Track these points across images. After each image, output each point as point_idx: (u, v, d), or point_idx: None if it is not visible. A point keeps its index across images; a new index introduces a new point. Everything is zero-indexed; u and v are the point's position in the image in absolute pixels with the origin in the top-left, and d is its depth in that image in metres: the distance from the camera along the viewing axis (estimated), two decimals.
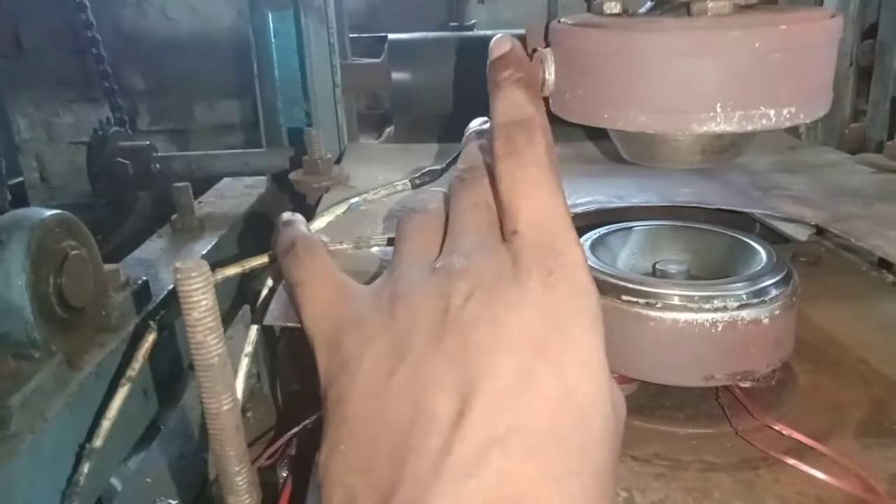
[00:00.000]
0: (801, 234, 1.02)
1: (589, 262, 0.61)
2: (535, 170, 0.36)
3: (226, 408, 0.41)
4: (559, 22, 0.59)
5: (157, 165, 1.19)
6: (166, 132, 2.71)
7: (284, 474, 0.62)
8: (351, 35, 1.37)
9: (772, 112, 0.51)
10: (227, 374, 0.41)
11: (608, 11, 0.59)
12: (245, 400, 0.93)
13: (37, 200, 2.41)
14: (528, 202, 0.35)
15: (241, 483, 0.43)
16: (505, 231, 0.36)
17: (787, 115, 0.51)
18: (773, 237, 1.05)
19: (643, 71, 0.52)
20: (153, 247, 0.95)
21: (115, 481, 0.82)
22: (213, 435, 0.42)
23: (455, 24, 1.50)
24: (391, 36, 1.23)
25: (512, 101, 0.39)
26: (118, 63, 2.42)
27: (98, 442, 0.57)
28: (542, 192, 0.36)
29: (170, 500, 0.72)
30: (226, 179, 1.26)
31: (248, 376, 0.98)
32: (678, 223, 0.69)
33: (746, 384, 0.60)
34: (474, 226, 0.37)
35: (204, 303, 0.39)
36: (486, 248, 0.36)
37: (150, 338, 0.61)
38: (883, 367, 0.68)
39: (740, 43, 0.50)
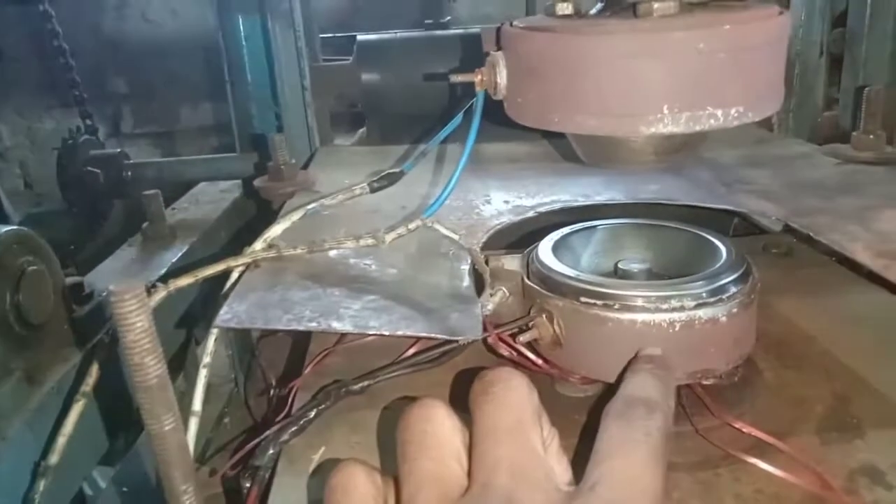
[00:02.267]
0: (777, 224, 1.01)
1: (548, 264, 0.61)
2: (643, 437, 0.38)
3: (167, 428, 0.41)
4: (510, 25, 0.59)
5: (129, 173, 1.19)
6: (151, 135, 2.69)
7: (248, 484, 0.61)
8: (322, 35, 1.36)
9: (719, 112, 0.51)
10: (168, 394, 0.41)
11: (560, 13, 0.59)
12: (223, 405, 0.93)
13: (22, 207, 2.39)
14: (619, 460, 0.36)
15: (187, 502, 0.43)
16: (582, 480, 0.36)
17: (735, 115, 0.51)
18: (750, 228, 1.04)
19: (589, 74, 0.52)
20: (123, 256, 0.94)
21: (88, 491, 0.82)
22: (158, 455, 0.42)
23: (430, 21, 1.49)
24: (360, 36, 1.22)
25: (643, 382, 0.45)
26: (101, 68, 2.40)
27: (54, 458, 0.57)
28: (637, 455, 0.37)
29: None
30: (201, 184, 1.25)
31: (226, 381, 0.98)
32: (640, 221, 0.69)
33: (708, 382, 0.60)
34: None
35: (139, 325, 0.38)
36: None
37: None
38: (848, 361, 0.68)
39: (684, 44, 0.50)
